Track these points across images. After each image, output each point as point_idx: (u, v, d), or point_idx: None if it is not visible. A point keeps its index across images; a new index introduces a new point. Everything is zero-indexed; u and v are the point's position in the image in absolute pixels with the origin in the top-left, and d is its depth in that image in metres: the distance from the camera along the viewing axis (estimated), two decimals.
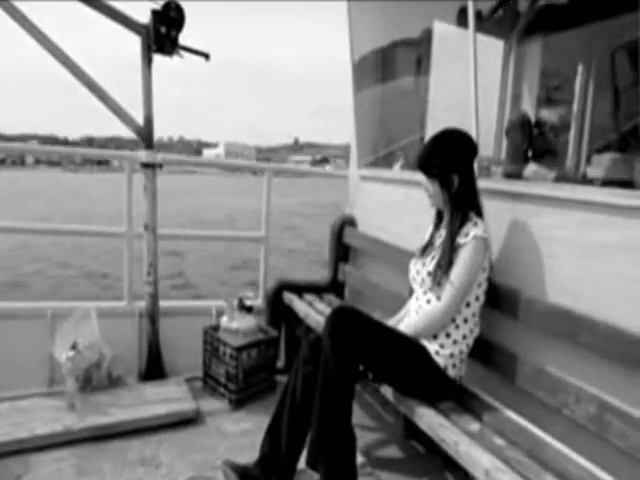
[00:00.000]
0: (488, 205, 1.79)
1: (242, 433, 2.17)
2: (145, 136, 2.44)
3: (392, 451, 2.13)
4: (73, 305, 2.56)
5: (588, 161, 2.96)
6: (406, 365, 1.64)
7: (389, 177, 2.64)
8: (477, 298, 1.70)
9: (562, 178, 2.20)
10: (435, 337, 1.67)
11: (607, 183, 1.98)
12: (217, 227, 13.14)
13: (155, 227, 2.54)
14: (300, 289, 2.86)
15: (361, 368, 1.63)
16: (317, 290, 2.89)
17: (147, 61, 2.39)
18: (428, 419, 1.54)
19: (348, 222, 2.93)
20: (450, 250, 1.66)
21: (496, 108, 3.05)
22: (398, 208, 2.51)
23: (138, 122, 2.43)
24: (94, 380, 2.30)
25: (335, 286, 2.91)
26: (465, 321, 1.69)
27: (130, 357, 2.59)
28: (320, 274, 3.02)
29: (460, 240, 1.65)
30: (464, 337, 1.68)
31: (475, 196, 1.74)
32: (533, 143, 2.65)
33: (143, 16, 2.36)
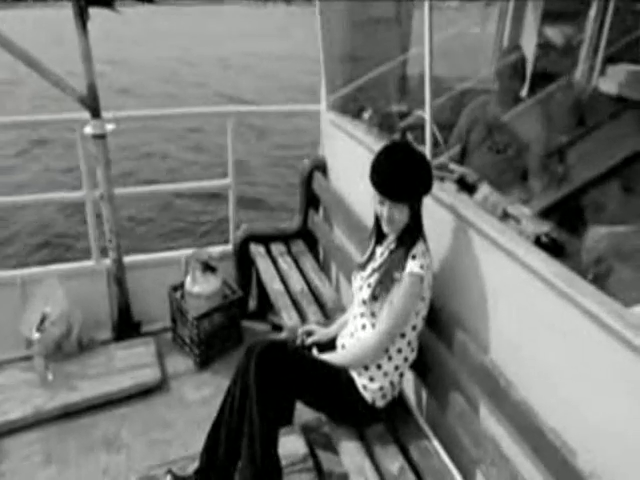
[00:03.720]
0: (438, 213, 1.57)
1: (202, 402, 2.29)
2: (90, 105, 2.19)
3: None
4: (42, 270, 2.58)
5: (602, 73, 2.43)
6: (333, 398, 1.60)
7: (353, 133, 2.21)
8: (414, 327, 1.56)
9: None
10: (366, 368, 1.58)
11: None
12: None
13: (112, 195, 2.40)
14: (268, 239, 2.71)
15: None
16: (286, 238, 2.74)
17: (81, 23, 2.04)
18: (349, 457, 1.54)
19: (318, 167, 2.61)
20: (389, 280, 1.50)
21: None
22: (362, 174, 2.16)
23: (81, 91, 2.16)
24: (64, 348, 2.40)
25: (305, 233, 2.73)
26: (399, 351, 1.57)
27: (103, 314, 2.65)
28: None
29: (396, 274, 1.48)
30: (396, 368, 1.58)
31: (421, 215, 1.55)
32: (533, 70, 2.13)
33: None
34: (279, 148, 8.69)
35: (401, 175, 1.45)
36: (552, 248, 1.32)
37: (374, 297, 1.51)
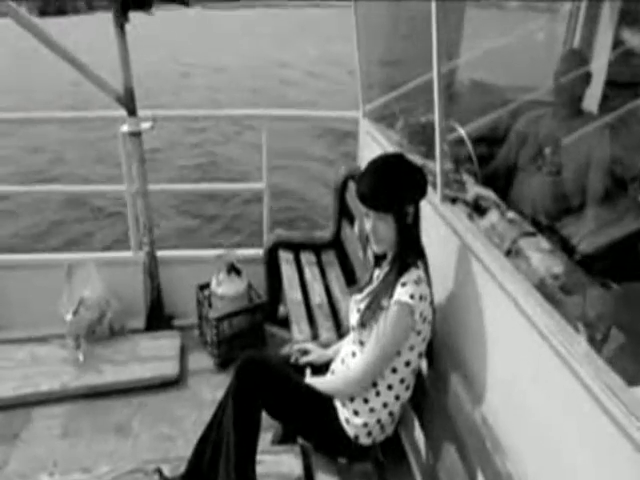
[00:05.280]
0: (445, 236, 1.45)
1: (214, 403, 2.26)
2: (127, 104, 2.32)
3: None
4: (85, 256, 2.78)
5: None
6: (311, 425, 1.54)
7: (384, 144, 2.10)
8: (407, 363, 1.44)
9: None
10: (351, 400, 1.49)
11: None
12: None
13: (146, 191, 2.51)
14: (298, 246, 2.68)
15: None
16: (317, 248, 2.69)
17: (119, 26, 2.16)
18: None
19: (353, 177, 2.51)
20: (377, 306, 1.41)
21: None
22: None
23: (119, 91, 2.29)
24: (97, 332, 2.56)
25: (337, 244, 2.67)
26: (389, 388, 1.46)
27: (137, 303, 2.78)
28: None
29: (384, 302, 1.38)
30: (385, 405, 1.47)
31: (419, 237, 1.44)
32: (607, 79, 1.88)
33: None
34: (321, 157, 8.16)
35: (380, 182, 1.36)
36: (555, 295, 1.14)
37: (362, 324, 1.42)
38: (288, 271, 2.53)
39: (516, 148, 2.18)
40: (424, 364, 1.57)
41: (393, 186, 1.36)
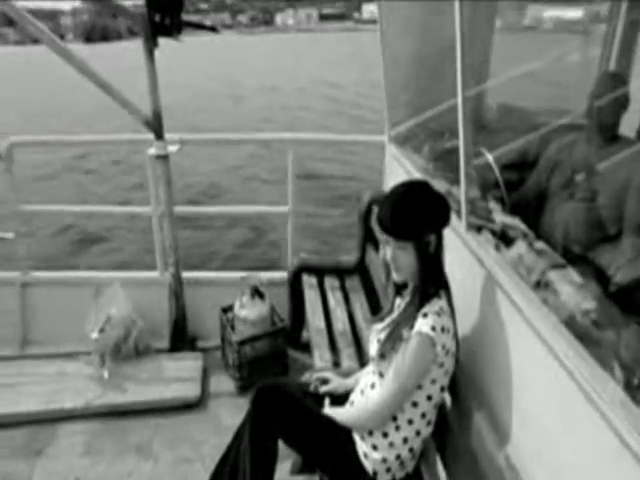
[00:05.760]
0: (471, 267, 1.41)
1: (234, 429, 2.28)
2: (155, 127, 2.39)
3: None
4: (113, 275, 2.85)
5: None
6: (327, 458, 1.50)
7: (410, 170, 2.08)
8: (429, 397, 1.39)
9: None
10: (370, 433, 1.44)
11: None
12: None
13: (172, 213, 2.56)
14: (322, 271, 2.67)
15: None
16: (341, 272, 2.67)
17: (148, 52, 2.24)
18: None
19: (378, 201, 2.49)
20: (397, 337, 1.37)
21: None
22: None
23: (147, 115, 2.36)
24: (123, 351, 2.59)
25: (361, 269, 2.64)
26: (410, 422, 1.41)
27: (162, 324, 2.82)
28: None
29: (404, 332, 1.35)
30: (405, 441, 1.42)
31: (442, 267, 1.40)
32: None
33: None
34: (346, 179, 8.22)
35: (400, 210, 1.34)
36: (586, 332, 1.08)
37: (382, 355, 1.39)
38: (311, 296, 2.51)
39: (547, 174, 2.12)
40: (448, 398, 1.52)
41: (414, 214, 1.34)
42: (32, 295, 2.79)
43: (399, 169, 2.31)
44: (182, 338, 2.77)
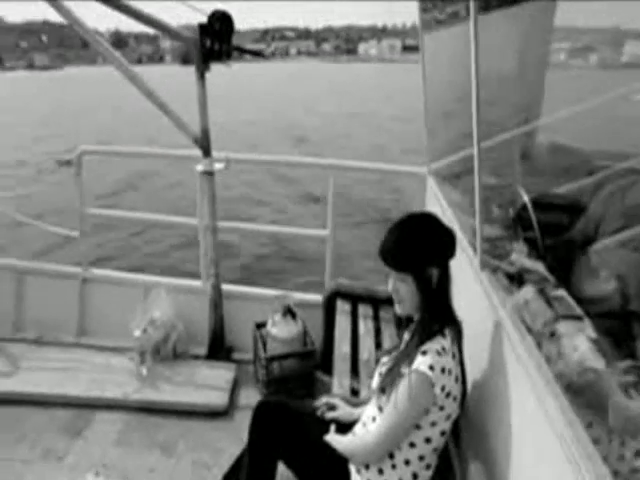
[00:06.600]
0: (482, 309, 1.38)
1: None
2: (203, 145, 2.56)
3: None
4: (159, 279, 3.08)
5: None
6: None
7: (444, 205, 2.08)
8: (428, 440, 1.38)
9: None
10: (367, 468, 1.45)
11: None
12: None
13: (215, 227, 2.71)
14: (357, 298, 2.71)
15: None
16: (376, 302, 2.69)
17: (200, 74, 2.42)
18: None
19: None
20: (397, 373, 1.38)
21: None
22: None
23: (196, 132, 2.54)
24: (162, 352, 2.78)
25: None
26: (407, 463, 1.41)
27: (201, 331, 2.98)
28: None
29: (404, 369, 1.35)
30: None
31: (449, 302, 1.39)
32: None
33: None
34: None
35: (398, 240, 1.35)
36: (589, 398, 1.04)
37: (382, 389, 1.40)
38: (342, 322, 2.55)
39: (597, 219, 2.03)
40: (452, 444, 1.50)
41: (413, 245, 1.34)
42: (90, 290, 3.08)
43: (436, 203, 2.32)
44: (219, 347, 2.91)
